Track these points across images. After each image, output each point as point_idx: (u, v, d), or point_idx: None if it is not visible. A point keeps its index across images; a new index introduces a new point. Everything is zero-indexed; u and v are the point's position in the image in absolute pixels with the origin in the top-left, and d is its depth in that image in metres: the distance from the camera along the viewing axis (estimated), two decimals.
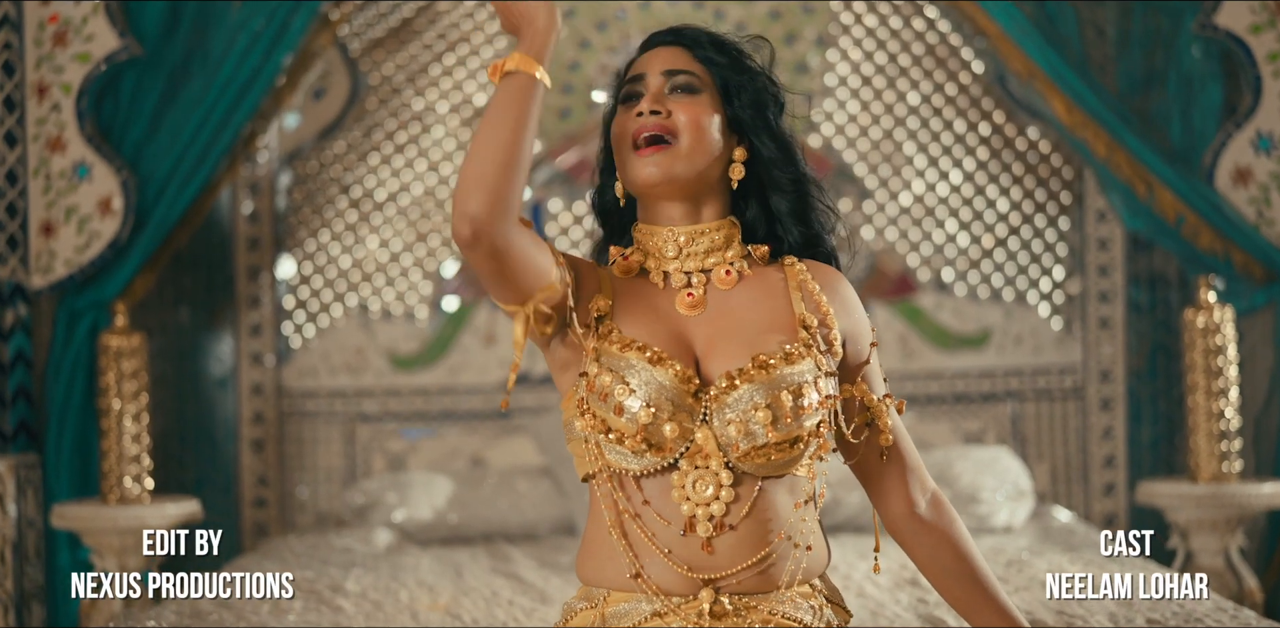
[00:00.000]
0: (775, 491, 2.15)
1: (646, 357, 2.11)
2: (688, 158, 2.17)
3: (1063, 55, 4.91)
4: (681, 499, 2.11)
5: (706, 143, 2.18)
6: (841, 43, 5.57)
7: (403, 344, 5.58)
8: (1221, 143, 4.90)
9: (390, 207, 5.60)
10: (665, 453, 2.11)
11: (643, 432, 2.09)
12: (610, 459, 2.13)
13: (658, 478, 2.12)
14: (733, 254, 2.24)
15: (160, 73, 4.91)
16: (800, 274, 2.25)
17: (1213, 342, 4.80)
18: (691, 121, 2.17)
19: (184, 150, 4.89)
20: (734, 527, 2.12)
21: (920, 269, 5.59)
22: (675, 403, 2.10)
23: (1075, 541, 4.58)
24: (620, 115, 2.21)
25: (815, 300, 2.23)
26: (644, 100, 2.18)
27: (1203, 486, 4.78)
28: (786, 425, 2.10)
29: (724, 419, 2.10)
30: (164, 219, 4.91)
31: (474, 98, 5.61)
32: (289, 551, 4.67)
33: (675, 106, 2.18)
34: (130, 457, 4.75)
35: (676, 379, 2.10)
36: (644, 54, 2.26)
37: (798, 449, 2.13)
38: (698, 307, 2.19)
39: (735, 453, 2.10)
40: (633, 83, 2.21)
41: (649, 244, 2.25)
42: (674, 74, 2.19)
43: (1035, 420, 5.54)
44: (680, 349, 2.16)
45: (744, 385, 2.11)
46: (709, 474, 2.11)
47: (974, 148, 5.56)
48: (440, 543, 4.91)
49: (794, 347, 2.15)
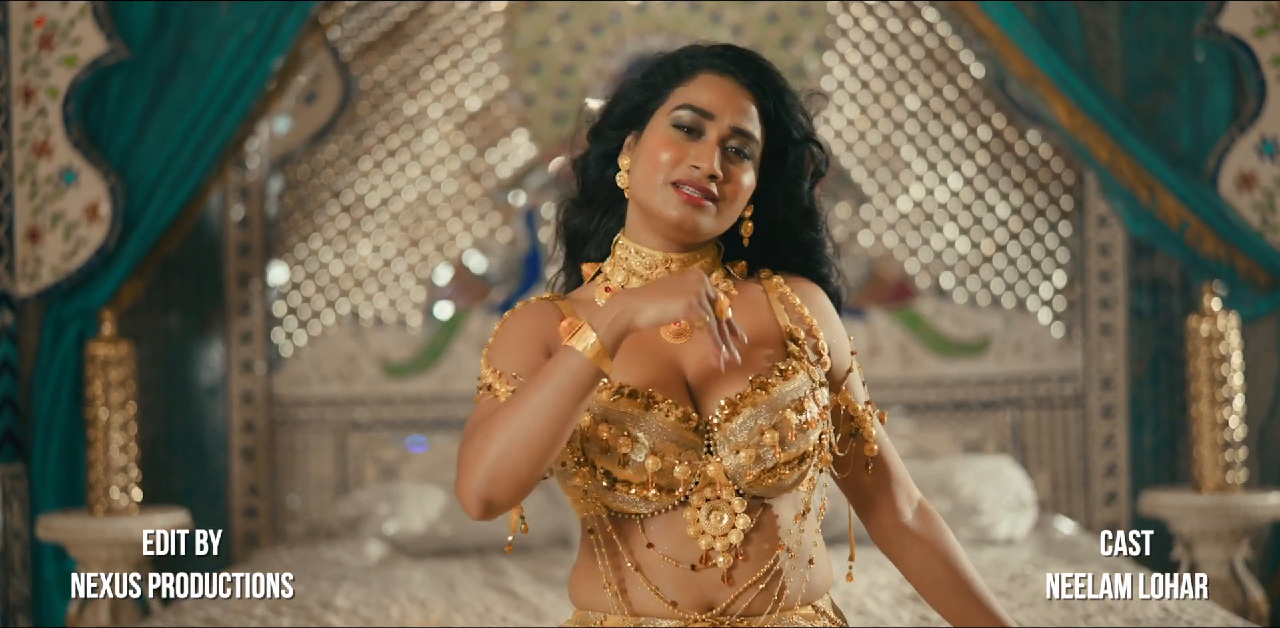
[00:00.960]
0: (779, 505, 2.11)
1: (639, 403, 2.05)
2: (719, 219, 2.13)
3: (1065, 58, 4.88)
4: (698, 535, 2.06)
5: (739, 207, 2.15)
6: (839, 46, 5.55)
7: (395, 352, 5.55)
8: (1225, 147, 4.87)
9: (382, 212, 5.57)
10: (677, 494, 2.06)
11: (653, 480, 2.04)
12: (615, 505, 2.07)
13: (666, 517, 2.07)
14: (718, 275, 2.19)
15: (148, 76, 4.86)
16: (779, 287, 2.21)
17: (1216, 350, 4.77)
18: (737, 190, 2.13)
19: (172, 155, 4.84)
20: (745, 546, 2.07)
21: (919, 275, 5.56)
22: (680, 444, 2.05)
23: (1079, 553, 4.54)
24: (674, 139, 2.12)
25: (798, 312, 2.19)
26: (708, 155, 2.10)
27: (1207, 496, 4.75)
28: (794, 443, 2.06)
29: (731, 447, 2.05)
30: (152, 225, 4.85)
31: (467, 102, 5.57)
32: (278, 563, 4.62)
33: (727, 169, 2.12)
34: (118, 467, 4.70)
35: (677, 421, 2.05)
36: (713, 74, 2.16)
37: (806, 465, 2.09)
38: (684, 334, 2.13)
39: (746, 479, 2.06)
40: (695, 113, 2.12)
41: (635, 264, 2.18)
42: (740, 135, 2.13)
43: (1036, 429, 5.52)
44: (671, 380, 2.10)
45: (746, 410, 2.06)
46: (722, 505, 2.06)
47: (973, 152, 5.54)
48: (433, 555, 4.86)
49: (787, 362, 2.10)
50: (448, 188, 5.57)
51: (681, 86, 2.15)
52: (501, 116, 5.56)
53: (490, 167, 5.57)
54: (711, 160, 2.10)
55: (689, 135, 2.12)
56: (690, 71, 2.16)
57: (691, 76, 2.16)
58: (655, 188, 2.11)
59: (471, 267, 5.56)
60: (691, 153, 2.11)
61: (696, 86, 2.15)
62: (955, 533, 4.69)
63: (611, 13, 5.55)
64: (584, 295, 2.20)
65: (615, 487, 2.04)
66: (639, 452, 2.02)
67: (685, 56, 2.18)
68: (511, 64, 5.55)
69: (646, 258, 2.16)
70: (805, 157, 2.20)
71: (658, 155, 2.11)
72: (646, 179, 2.12)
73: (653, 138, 2.13)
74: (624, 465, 2.03)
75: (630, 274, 2.17)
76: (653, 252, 2.16)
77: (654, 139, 2.13)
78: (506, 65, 5.55)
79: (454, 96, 5.57)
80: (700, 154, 2.11)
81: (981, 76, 5.50)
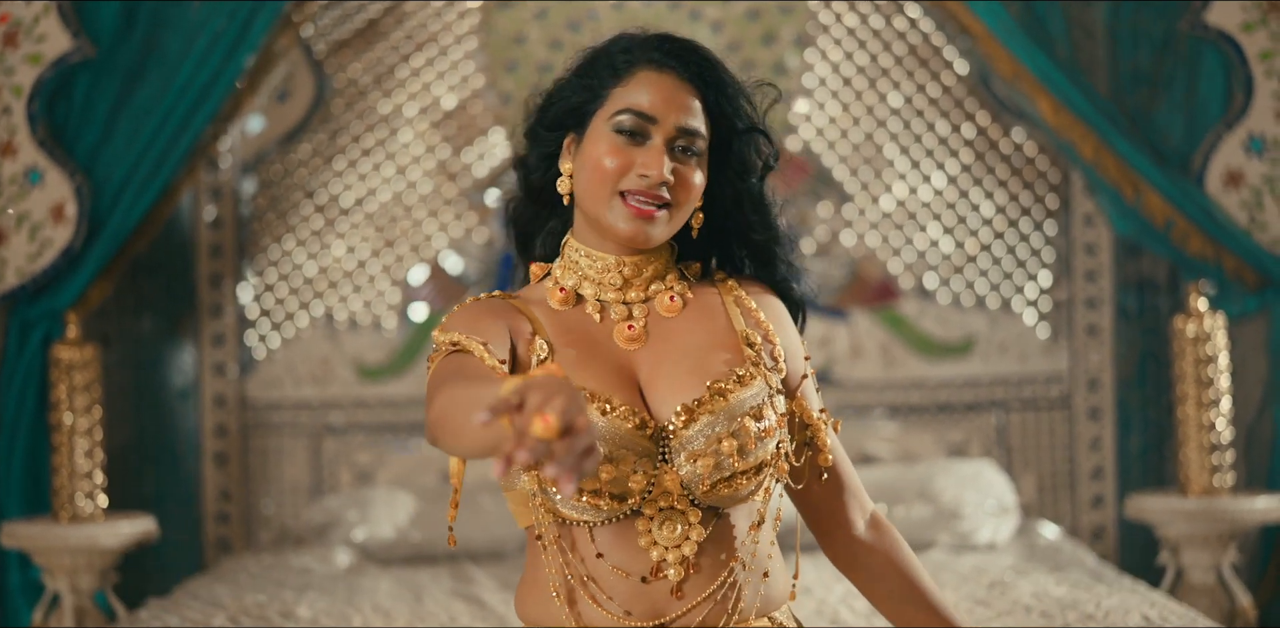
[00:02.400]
0: (735, 517, 2.04)
1: (594, 408, 1.97)
2: (673, 222, 2.07)
3: (1050, 55, 4.83)
4: (649, 546, 1.99)
5: (691, 208, 2.08)
6: (820, 43, 5.48)
7: (370, 354, 5.49)
8: (1212, 144, 4.82)
9: (357, 212, 5.50)
10: (630, 503, 1.98)
11: (606, 488, 1.96)
12: (564, 513, 1.99)
13: (616, 526, 2.00)
14: (672, 277, 2.12)
15: (115, 74, 4.79)
16: (734, 290, 2.14)
17: (1203, 351, 4.72)
18: (688, 192, 2.05)
19: (140, 155, 4.78)
20: (699, 558, 2.00)
21: (902, 275, 5.50)
22: (636, 451, 1.97)
23: (1062, 559, 4.47)
24: (617, 146, 2.03)
25: (754, 316, 2.12)
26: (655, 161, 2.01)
27: (1193, 500, 4.69)
28: (753, 452, 1.99)
29: (688, 455, 1.98)
30: (120, 226, 4.79)
31: (442, 100, 5.51)
32: (244, 572, 4.53)
33: (676, 169, 2.04)
34: (82, 473, 4.63)
35: (634, 427, 1.97)
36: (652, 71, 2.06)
37: (763, 475, 2.01)
38: (638, 340, 2.07)
39: (702, 489, 1.98)
40: (642, 119, 2.03)
41: (586, 268, 2.10)
42: (687, 134, 2.04)
43: (1021, 431, 5.47)
44: (624, 386, 2.03)
45: (703, 417, 1.98)
46: (676, 515, 1.99)
47: (957, 150, 5.48)
48: (403, 562, 4.78)
49: (744, 368, 2.03)
50: (423, 188, 5.50)
51: (619, 87, 2.06)
52: (477, 115, 5.50)
53: (466, 166, 5.51)
54: (660, 167, 2.02)
55: (633, 140, 2.04)
56: (627, 69, 2.07)
57: (629, 75, 2.07)
58: (603, 200, 2.03)
59: (447, 268, 5.50)
60: (638, 160, 2.03)
61: (635, 87, 2.06)
62: (935, 538, 4.66)
63: (589, 10, 5.48)
64: (534, 295, 2.12)
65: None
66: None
67: (619, 52, 2.09)
68: (488, 61, 5.49)
69: (598, 262, 2.09)
70: (750, 149, 2.12)
71: (602, 165, 2.03)
72: (593, 190, 2.04)
73: (594, 146, 2.05)
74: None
75: (582, 278, 2.10)
76: (604, 255, 2.09)
77: (596, 148, 2.04)
78: (482, 63, 5.49)
79: (429, 95, 5.51)
80: (648, 161, 2.03)
81: (965, 73, 5.45)
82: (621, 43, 2.11)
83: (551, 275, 2.13)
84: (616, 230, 2.03)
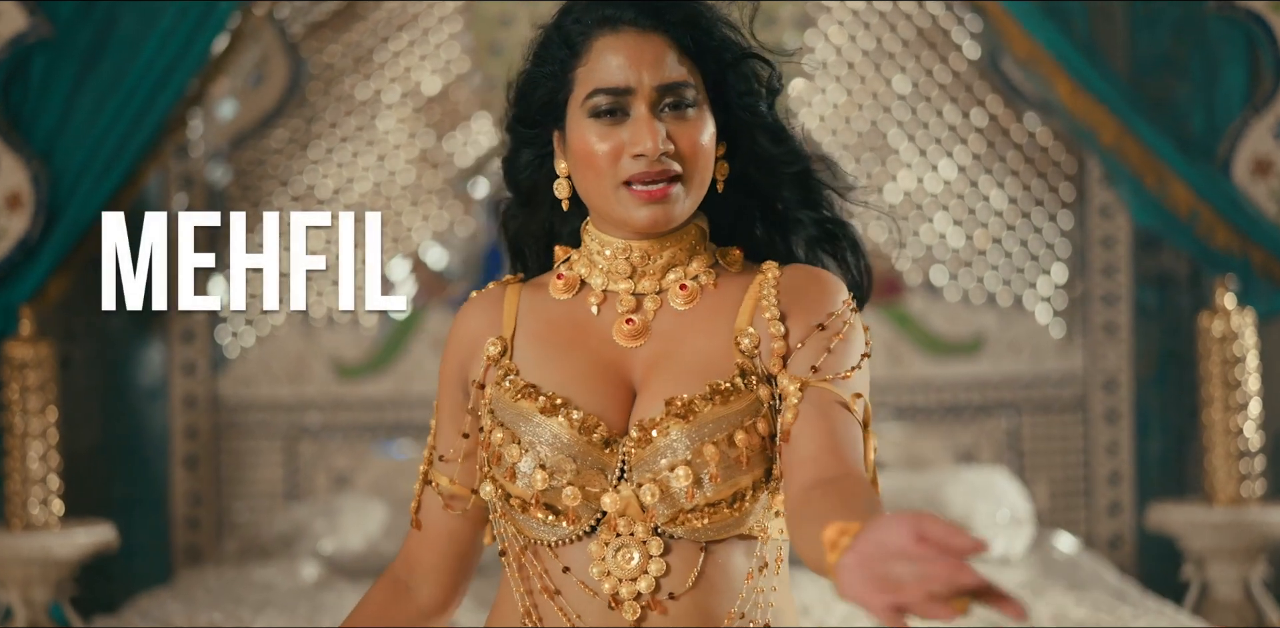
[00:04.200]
0: (726, 555, 1.77)
1: (540, 405, 1.77)
2: (693, 194, 1.81)
3: (1069, 36, 4.67)
4: (602, 575, 1.75)
5: (709, 165, 1.82)
6: (822, 23, 5.37)
7: (348, 351, 5.39)
8: (1239, 131, 4.66)
9: (334, 203, 5.40)
10: (574, 522, 1.76)
11: (540, 498, 1.75)
12: (520, 528, 1.79)
13: (575, 546, 1.77)
14: (697, 265, 1.86)
15: (74, 55, 4.62)
16: (765, 282, 1.84)
17: (1230, 351, 4.58)
18: (695, 150, 1.79)
19: (100, 139, 4.61)
20: (675, 597, 1.75)
21: (908, 271, 5.38)
22: (579, 460, 1.75)
23: (1081, 575, 4.30)
24: (600, 133, 1.79)
25: (764, 313, 1.82)
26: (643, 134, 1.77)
27: (1220, 509, 4.55)
28: (714, 485, 1.72)
29: (638, 480, 1.75)
30: (79, 215, 4.63)
31: (424, 84, 5.41)
32: (202, 586, 4.37)
33: (673, 131, 1.79)
34: (36, 479, 4.47)
35: (575, 430, 1.75)
36: (608, 35, 1.81)
37: (741, 508, 1.74)
38: (639, 336, 1.82)
39: (658, 519, 1.74)
40: (615, 96, 1.79)
41: (596, 254, 1.87)
42: (670, 90, 1.79)
43: (1033, 434, 5.35)
44: (607, 388, 1.80)
45: (661, 438, 1.73)
46: (634, 542, 1.75)
47: (966, 137, 5.37)
48: (374, 576, 4.52)
49: (726, 381, 1.76)
50: (404, 177, 5.40)
51: (582, 67, 1.82)
52: (462, 101, 5.40)
53: (450, 154, 5.41)
54: (652, 138, 1.77)
55: (615, 120, 1.80)
56: (582, 42, 1.82)
57: (586, 49, 1.82)
58: (608, 196, 1.80)
59: (430, 261, 5.40)
60: (626, 139, 1.79)
61: (596, 60, 1.81)
62: None
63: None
64: (545, 279, 1.91)
65: (510, 502, 1.78)
66: (527, 462, 1.75)
67: (572, 25, 1.84)
68: (472, 44, 5.39)
69: (607, 248, 1.86)
70: (748, 78, 1.86)
71: (593, 159, 1.80)
72: (595, 188, 1.81)
73: (578, 140, 1.81)
74: (512, 478, 1.77)
75: (592, 267, 1.87)
76: (611, 239, 1.85)
77: (579, 141, 1.81)
78: (467, 45, 5.40)
79: (411, 79, 5.41)
80: (636, 137, 1.78)
81: (975, 57, 5.35)
82: (572, 13, 1.85)
83: (569, 261, 1.91)
84: (633, 222, 1.80)
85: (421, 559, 1.94)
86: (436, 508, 1.91)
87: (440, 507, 1.91)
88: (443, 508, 1.91)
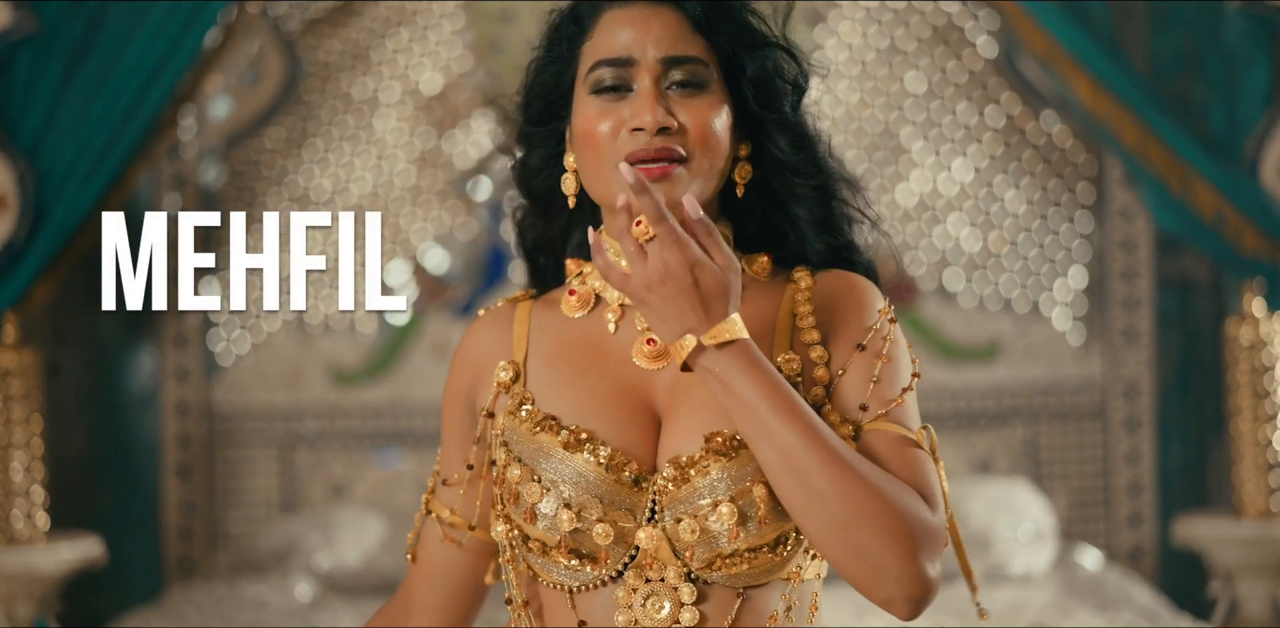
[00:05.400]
0: (763, 601, 1.63)
1: (562, 440, 1.63)
2: (699, 180, 1.66)
3: (1089, 33, 4.58)
4: (629, 623, 1.62)
5: (720, 154, 1.67)
6: (832, 20, 5.33)
7: (345, 357, 5.32)
8: (1266, 130, 4.56)
9: (333, 204, 5.34)
10: (602, 565, 1.62)
11: (568, 541, 1.61)
12: (537, 570, 1.66)
13: (598, 593, 1.64)
14: None
15: (61, 51, 4.51)
16: (798, 295, 1.71)
17: (1259, 359, 4.48)
18: (703, 133, 1.65)
19: (88, 139, 4.51)
20: None
21: (922, 275, 5.33)
22: (606, 499, 1.62)
23: (1108, 593, 4.18)
24: (592, 110, 1.67)
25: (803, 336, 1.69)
26: (643, 107, 1.64)
27: (1248, 523, 4.46)
28: (760, 527, 1.59)
29: (675, 516, 1.61)
30: (66, 217, 4.52)
31: (425, 83, 5.34)
32: (192, 604, 4.28)
33: (680, 110, 1.65)
34: (20, 491, 4.35)
35: (602, 467, 1.61)
36: (616, 8, 1.69)
37: (782, 552, 1.61)
38: (662, 357, 1.68)
39: (695, 562, 1.60)
40: (617, 67, 1.66)
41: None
42: (676, 64, 1.66)
43: (1051, 443, 5.28)
44: (631, 417, 1.66)
45: (700, 478, 1.59)
46: (664, 589, 1.61)
47: (981, 137, 5.33)
48: (371, 593, 4.54)
49: None
50: (404, 178, 5.34)
51: (588, 43, 1.70)
52: (463, 99, 5.34)
53: (450, 154, 5.34)
54: (652, 111, 1.64)
55: (618, 95, 1.66)
56: (591, 18, 1.71)
57: (594, 25, 1.70)
58: (605, 177, 1.67)
59: (430, 265, 5.33)
60: (626, 114, 1.65)
61: (601, 35, 1.69)
62: None
63: None
64: (558, 295, 1.78)
65: (529, 544, 1.64)
66: (549, 502, 1.61)
67: (582, 2, 1.73)
68: (474, 41, 5.33)
69: (623, 257, 1.69)
70: (770, 71, 1.71)
71: (592, 134, 1.67)
72: (593, 170, 1.68)
73: (579, 118, 1.69)
74: (532, 520, 1.62)
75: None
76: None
77: (580, 119, 1.69)
78: (468, 42, 5.34)
79: (410, 77, 5.35)
80: (635, 110, 1.65)
81: (991, 54, 5.29)
82: None
83: (582, 274, 1.77)
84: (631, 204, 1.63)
85: (417, 595, 1.81)
86: (434, 540, 1.79)
87: (439, 539, 1.79)
88: (441, 540, 1.78)
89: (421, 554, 1.80)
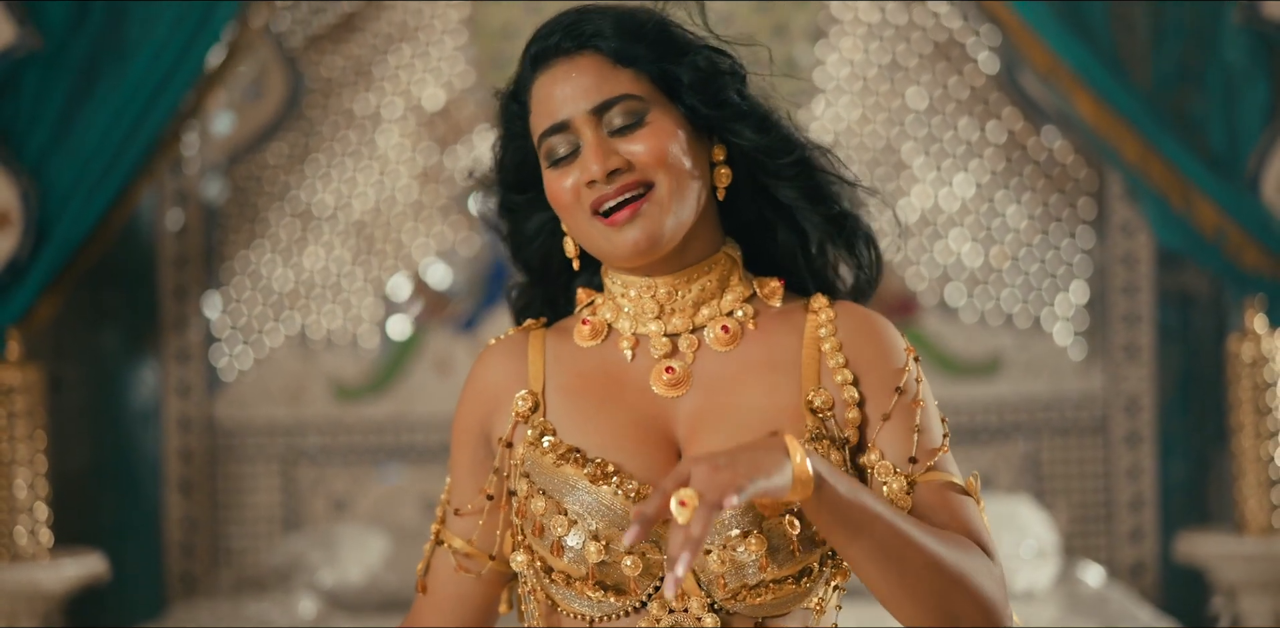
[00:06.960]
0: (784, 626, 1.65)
1: (587, 472, 1.63)
2: (674, 201, 1.67)
3: (1090, 49, 4.56)
4: None
5: (684, 170, 1.68)
6: (835, 35, 5.29)
7: (348, 373, 5.28)
8: (1266, 147, 4.54)
9: (335, 219, 5.30)
10: (630, 596, 1.62)
11: (595, 573, 1.61)
12: (559, 601, 1.66)
13: (621, 623, 1.64)
14: (732, 299, 1.73)
15: (65, 68, 4.51)
16: (822, 328, 1.72)
17: (1261, 375, 4.44)
18: (656, 157, 1.67)
19: (92, 155, 4.50)
20: None
21: (923, 290, 5.30)
22: None
23: (1111, 611, 4.16)
24: (554, 180, 1.70)
25: (835, 375, 1.70)
26: (588, 159, 1.66)
27: (1251, 540, 4.42)
28: (790, 557, 1.59)
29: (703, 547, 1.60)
30: (70, 234, 4.52)
31: (427, 98, 5.31)
32: (194, 622, 4.20)
33: (629, 148, 1.67)
34: (24, 508, 4.32)
35: (630, 500, 1.62)
36: (542, 75, 1.72)
37: (805, 584, 1.62)
38: (681, 384, 1.69)
39: (721, 592, 1.60)
40: (555, 135, 1.68)
41: (620, 296, 1.75)
42: (606, 108, 1.67)
43: (1052, 458, 5.25)
44: (651, 447, 1.67)
45: (727, 511, 1.58)
46: (688, 620, 1.61)
47: (983, 152, 5.30)
48: (376, 610, 4.51)
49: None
50: (406, 193, 5.31)
51: (532, 117, 1.73)
52: (465, 115, 5.31)
53: (453, 170, 5.31)
54: (597, 161, 1.66)
55: (573, 158, 1.69)
56: (527, 92, 1.74)
57: (530, 97, 1.73)
58: (592, 236, 1.69)
59: (432, 280, 5.30)
60: (577, 174, 1.68)
61: (537, 105, 1.72)
62: None
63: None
64: (570, 323, 1.79)
65: (553, 576, 1.63)
66: (576, 535, 1.61)
67: (517, 76, 1.78)
68: (476, 57, 5.31)
69: (631, 289, 1.73)
70: (705, 72, 1.72)
71: (561, 202, 1.70)
72: (580, 232, 1.71)
73: (548, 190, 1.73)
74: (559, 553, 1.62)
75: (618, 310, 1.75)
76: (634, 278, 1.73)
77: (549, 191, 1.73)
78: (471, 58, 5.31)
79: (413, 93, 5.32)
80: (582, 166, 1.67)
81: (992, 70, 5.26)
82: (520, 67, 1.78)
83: (593, 305, 1.78)
84: (618, 254, 1.68)
85: (429, 625, 1.80)
86: (447, 570, 1.78)
87: (451, 569, 1.77)
88: (454, 570, 1.77)
89: (433, 585, 1.79)
